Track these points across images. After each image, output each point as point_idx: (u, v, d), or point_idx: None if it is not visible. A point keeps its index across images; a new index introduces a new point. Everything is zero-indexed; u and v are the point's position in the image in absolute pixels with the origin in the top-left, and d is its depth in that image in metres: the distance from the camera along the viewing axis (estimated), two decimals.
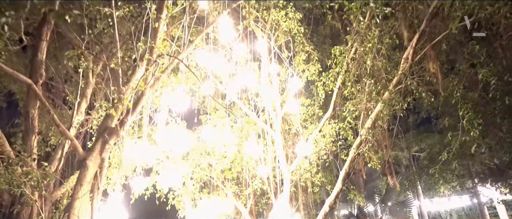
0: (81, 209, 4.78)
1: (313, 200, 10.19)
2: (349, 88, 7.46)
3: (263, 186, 9.05)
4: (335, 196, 8.18)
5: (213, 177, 8.95)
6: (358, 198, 9.90)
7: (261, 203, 10.90)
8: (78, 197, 4.81)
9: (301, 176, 8.53)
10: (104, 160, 5.22)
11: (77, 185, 4.89)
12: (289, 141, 9.94)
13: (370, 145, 7.39)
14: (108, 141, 5.26)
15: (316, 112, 9.57)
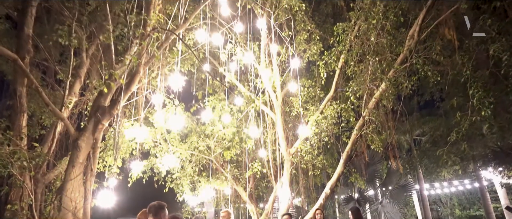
0: (74, 191, 4.60)
1: (314, 183, 10.06)
2: (352, 68, 7.18)
3: (263, 169, 8.87)
4: (336, 178, 8.03)
5: (212, 160, 8.77)
6: (359, 182, 9.76)
7: (261, 186, 10.78)
8: (70, 178, 4.62)
9: (302, 158, 8.34)
10: (97, 141, 5.01)
11: (69, 166, 4.70)
12: (289, 123, 9.73)
13: (373, 125, 7.17)
14: (101, 121, 5.04)
15: (317, 93, 9.32)
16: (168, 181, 8.72)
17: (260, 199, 11.00)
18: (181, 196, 8.79)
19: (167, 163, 8.14)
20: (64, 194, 4.49)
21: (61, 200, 4.48)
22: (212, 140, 8.81)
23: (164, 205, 4.18)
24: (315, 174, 8.97)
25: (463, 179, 23.18)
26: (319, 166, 8.48)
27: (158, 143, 8.40)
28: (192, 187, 8.92)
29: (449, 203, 28.34)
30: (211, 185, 8.82)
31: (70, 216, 4.45)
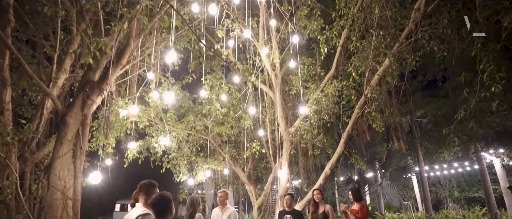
0: (62, 169, 4.38)
1: (314, 164, 9.91)
2: (354, 43, 6.86)
3: (261, 149, 8.69)
4: (336, 159, 7.84)
5: (210, 140, 8.57)
6: (359, 162, 9.60)
7: (260, 167, 10.62)
8: (58, 156, 4.40)
9: (302, 138, 8.14)
10: (86, 117, 4.76)
11: (57, 143, 4.47)
12: (289, 102, 9.47)
13: (376, 103, 6.91)
14: (90, 96, 4.77)
15: (318, 71, 9.02)
16: (165, 162, 8.54)
17: (259, 180, 10.88)
18: (179, 177, 8.64)
19: (163, 143, 7.94)
20: (52, 173, 4.28)
21: (49, 178, 4.27)
22: (209, 120, 8.59)
23: (155, 184, 3.95)
24: (314, 154, 8.78)
25: (463, 161, 23.15)
26: (319, 146, 8.28)
27: (153, 123, 8.18)
28: (189, 167, 8.75)
29: (448, 185, 28.50)
30: (209, 166, 8.65)
31: (59, 195, 4.26)
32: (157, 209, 3.02)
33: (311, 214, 6.61)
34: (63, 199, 4.32)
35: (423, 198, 21.43)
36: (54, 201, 4.24)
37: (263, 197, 8.90)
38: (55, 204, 4.24)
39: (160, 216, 3.00)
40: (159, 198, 3.04)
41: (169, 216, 3.05)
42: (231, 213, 5.87)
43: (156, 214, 3.02)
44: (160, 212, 3.01)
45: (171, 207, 3.07)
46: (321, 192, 6.59)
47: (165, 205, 3.02)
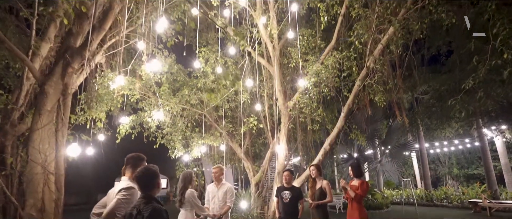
0: (42, 142, 4.09)
1: (313, 140, 9.65)
2: (357, 10, 6.40)
3: (259, 124, 8.39)
4: (336, 134, 7.56)
5: (205, 115, 8.26)
6: (359, 138, 9.33)
7: (258, 143, 10.37)
8: (37, 128, 4.09)
9: (301, 111, 7.82)
10: (67, 86, 4.42)
11: (35, 114, 4.15)
12: (287, 75, 9.09)
13: (379, 74, 6.54)
14: (70, 64, 4.41)
15: (318, 43, 8.59)
16: (158, 137, 8.28)
17: (257, 157, 10.65)
18: (174, 153, 8.39)
19: (156, 118, 7.65)
20: (31, 145, 3.99)
21: (28, 152, 3.99)
22: (204, 94, 8.26)
23: (144, 157, 3.67)
24: (313, 129, 8.49)
25: (464, 138, 23.02)
26: (318, 121, 7.98)
27: (146, 97, 7.84)
28: (185, 143, 8.50)
29: (448, 162, 28.55)
30: (205, 142, 8.39)
31: (40, 169, 3.99)
32: (142, 183, 2.73)
33: (309, 190, 6.41)
34: (44, 174, 4.05)
35: (423, 175, 21.48)
36: (34, 175, 3.97)
37: (261, 173, 8.70)
38: (36, 179, 3.97)
39: (145, 190, 2.71)
40: (144, 172, 2.75)
41: (155, 191, 2.77)
42: (227, 189, 5.64)
43: (141, 188, 2.73)
44: (145, 186, 2.72)
45: (157, 182, 2.78)
46: (318, 168, 6.34)
47: (150, 179, 2.73)
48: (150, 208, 2.54)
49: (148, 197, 2.66)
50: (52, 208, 4.01)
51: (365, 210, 5.67)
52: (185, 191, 5.02)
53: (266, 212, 8.40)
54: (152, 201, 2.64)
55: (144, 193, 2.70)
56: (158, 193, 2.83)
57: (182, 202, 4.98)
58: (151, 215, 2.50)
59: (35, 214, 3.88)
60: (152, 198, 2.67)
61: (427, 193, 18.91)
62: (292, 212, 6.24)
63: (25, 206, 3.87)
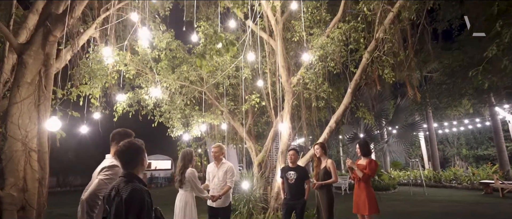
0: (22, 117, 3.76)
1: (318, 119, 9.24)
2: None
3: (261, 102, 8.01)
4: (343, 110, 7.17)
5: (205, 92, 7.89)
6: (367, 116, 8.89)
7: (260, 122, 10.01)
8: (16, 101, 3.76)
9: (305, 87, 7.40)
10: (49, 57, 4.05)
11: (14, 86, 3.81)
12: (291, 51, 8.62)
13: (389, 45, 6.06)
14: (51, 32, 4.03)
15: (323, 16, 8.05)
16: (157, 115, 7.96)
17: (260, 136, 10.31)
18: (173, 132, 8.09)
19: (154, 95, 7.31)
20: (9, 121, 3.67)
21: (7, 127, 3.67)
22: (204, 70, 7.85)
23: (131, 133, 3.34)
24: (318, 106, 8.07)
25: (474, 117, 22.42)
26: (324, 97, 7.55)
27: (143, 73, 7.48)
28: (184, 122, 8.17)
29: (456, 143, 28.04)
30: (205, 120, 8.05)
31: (20, 146, 3.68)
32: (123, 159, 2.37)
33: (314, 169, 6.10)
34: (25, 151, 3.75)
35: (431, 156, 21.09)
36: (14, 153, 3.67)
37: (264, 153, 8.38)
38: (16, 157, 3.67)
39: (126, 168, 2.36)
40: (127, 146, 2.38)
41: (140, 169, 2.41)
42: (227, 168, 5.36)
43: (123, 165, 2.37)
44: (126, 163, 2.36)
45: (141, 158, 2.41)
46: (323, 146, 5.99)
47: (133, 155, 2.37)
48: (129, 188, 2.19)
49: (129, 176, 2.31)
50: (35, 188, 3.73)
51: (373, 190, 5.34)
52: (185, 171, 4.74)
53: (269, 192, 8.15)
54: (134, 180, 2.29)
55: (126, 170, 2.36)
56: (142, 171, 2.49)
57: (182, 182, 4.70)
58: (130, 196, 2.16)
59: (16, 194, 3.61)
60: (134, 177, 2.33)
61: (435, 174, 18.58)
62: (298, 193, 5.95)
63: (5, 186, 3.59)
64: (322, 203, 5.67)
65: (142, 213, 2.18)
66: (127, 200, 2.16)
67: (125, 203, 2.16)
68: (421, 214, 9.14)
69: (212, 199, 5.09)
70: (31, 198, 3.70)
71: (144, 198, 2.21)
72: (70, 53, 5.50)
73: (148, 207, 2.22)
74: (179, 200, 4.72)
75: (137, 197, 2.19)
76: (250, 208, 7.51)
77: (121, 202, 2.17)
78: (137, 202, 2.17)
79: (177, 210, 4.67)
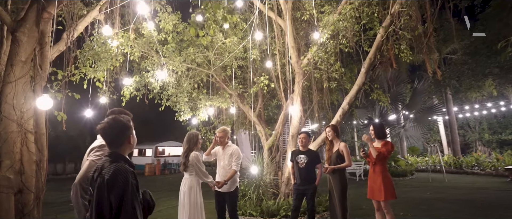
0: (16, 97, 3.63)
1: (330, 101, 8.88)
2: None
3: (270, 84, 7.71)
4: (356, 91, 6.80)
5: (212, 75, 7.65)
6: (382, 98, 8.46)
7: (271, 106, 9.73)
8: (10, 80, 3.62)
9: (315, 67, 7.04)
10: (44, 35, 3.90)
11: (7, 65, 3.67)
12: (301, 31, 8.23)
13: (406, 18, 5.62)
14: (45, 8, 3.85)
15: None
16: (164, 99, 7.80)
17: (271, 120, 10.05)
18: (181, 116, 7.93)
19: (160, 78, 7.13)
20: (3, 100, 3.55)
21: (1, 107, 3.55)
22: (211, 52, 7.62)
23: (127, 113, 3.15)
24: (330, 87, 7.70)
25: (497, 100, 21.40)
26: (336, 77, 7.18)
27: (148, 56, 7.29)
28: (192, 106, 7.99)
29: (478, 128, 26.98)
30: (213, 103, 7.84)
31: (15, 127, 3.57)
32: (107, 137, 2.14)
33: (326, 153, 5.81)
34: (20, 132, 3.62)
35: (451, 141, 20.35)
36: (9, 134, 3.55)
37: (274, 137, 8.14)
38: (11, 138, 3.55)
39: (112, 147, 2.14)
40: (110, 123, 2.15)
41: (126, 148, 2.18)
42: (233, 151, 5.16)
43: (108, 144, 2.15)
44: (112, 142, 2.13)
45: (128, 137, 2.18)
46: (335, 129, 5.68)
47: (118, 133, 2.14)
48: (112, 168, 1.97)
49: (114, 156, 2.09)
50: (32, 171, 3.62)
51: (389, 175, 4.99)
52: (190, 154, 4.56)
53: (280, 177, 7.93)
54: (119, 160, 2.08)
55: (111, 149, 2.15)
56: (130, 150, 2.26)
57: (186, 165, 4.53)
58: (113, 177, 1.93)
59: (12, 177, 3.50)
60: (120, 156, 2.10)
61: (455, 160, 17.91)
62: (308, 178, 5.70)
63: (1, 168, 3.48)
64: (335, 188, 5.39)
65: (125, 194, 1.96)
66: (109, 181, 1.94)
67: (107, 184, 1.95)
68: (440, 201, 8.76)
69: (218, 185, 4.93)
70: (28, 181, 3.60)
71: (128, 179, 1.99)
72: (72, 35, 5.34)
73: (132, 189, 2.00)
74: (184, 184, 4.57)
75: (120, 178, 1.97)
76: (260, 193, 7.32)
77: (103, 183, 1.96)
78: (120, 183, 1.95)
79: (182, 194, 4.51)
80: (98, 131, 2.20)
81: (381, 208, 4.95)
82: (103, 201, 1.93)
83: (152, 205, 2.41)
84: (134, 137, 2.30)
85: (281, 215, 6.63)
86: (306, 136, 5.85)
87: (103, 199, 1.93)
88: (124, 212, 1.92)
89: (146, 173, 19.86)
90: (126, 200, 1.94)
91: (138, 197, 2.06)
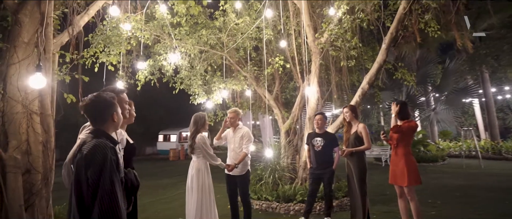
0: (21, 78, 3.65)
1: (351, 82, 8.45)
2: None
3: (286, 64, 7.41)
4: (377, 69, 6.36)
5: (226, 56, 7.48)
6: (407, 78, 7.88)
7: (288, 88, 9.45)
8: (13, 62, 3.65)
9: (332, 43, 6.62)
10: (46, 16, 3.86)
11: (11, 47, 3.71)
12: (317, 8, 7.81)
13: None
14: None
15: None
16: (177, 82, 7.76)
17: (289, 104, 9.77)
18: (195, 99, 7.88)
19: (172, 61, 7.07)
20: (8, 82, 3.59)
21: (6, 89, 3.60)
22: (224, 34, 7.43)
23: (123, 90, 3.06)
24: (348, 66, 7.28)
25: None
26: (354, 55, 6.75)
27: (161, 39, 7.23)
28: (207, 89, 7.90)
29: None
30: (227, 86, 7.70)
31: (20, 108, 3.61)
32: (90, 114, 2.05)
33: (344, 135, 5.50)
34: (26, 113, 3.66)
35: (488, 124, 19.02)
36: (14, 115, 3.60)
37: (291, 120, 7.90)
38: (17, 119, 3.61)
39: (94, 123, 2.06)
40: (93, 100, 2.06)
41: (110, 125, 2.09)
42: (243, 133, 5.01)
43: (91, 121, 2.08)
44: (95, 119, 2.05)
45: (111, 113, 2.07)
46: (353, 109, 5.34)
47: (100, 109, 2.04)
48: (92, 144, 1.89)
49: (96, 132, 2.00)
50: (39, 151, 3.67)
51: (413, 158, 4.54)
52: (196, 135, 4.44)
53: (297, 161, 7.72)
54: (101, 136, 1.99)
55: (94, 127, 2.06)
56: (115, 128, 2.16)
57: (193, 147, 4.42)
58: (91, 152, 1.85)
59: (19, 157, 3.56)
60: (102, 133, 2.01)
61: (494, 145, 16.72)
62: (325, 161, 5.45)
63: (8, 148, 3.55)
64: (354, 172, 5.09)
65: (103, 170, 1.86)
66: (87, 156, 1.86)
67: (85, 159, 1.87)
68: (474, 188, 8.16)
69: (228, 168, 4.81)
70: (35, 161, 3.65)
71: (106, 154, 1.89)
72: (83, 19, 5.35)
73: (111, 164, 1.89)
74: (191, 167, 4.46)
75: (99, 153, 1.88)
76: (276, 177, 7.17)
77: (82, 158, 1.88)
78: (98, 159, 1.86)
79: (190, 178, 4.39)
80: (81, 108, 2.12)
81: (404, 194, 4.56)
82: (81, 177, 1.85)
83: (136, 185, 2.31)
84: (119, 115, 2.19)
85: (297, 200, 6.46)
86: (322, 117, 5.58)
87: (81, 175, 1.85)
88: (102, 188, 1.82)
89: (170, 158, 20.36)
90: (104, 175, 1.84)
91: (117, 174, 1.95)
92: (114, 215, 1.80)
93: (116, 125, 2.16)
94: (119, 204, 1.86)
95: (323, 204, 5.82)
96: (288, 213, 6.31)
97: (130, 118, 3.14)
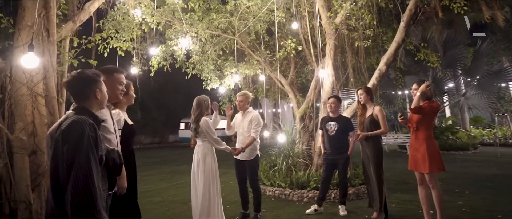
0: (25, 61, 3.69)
1: (369, 65, 8.05)
2: None
3: (298, 47, 7.15)
4: (395, 49, 5.99)
5: (237, 40, 7.32)
6: (431, 58, 7.35)
7: (304, 72, 9.18)
8: (18, 45, 3.71)
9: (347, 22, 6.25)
10: None
11: (15, 30, 3.76)
12: None
13: None
14: None
15: None
16: (190, 67, 7.72)
17: (305, 88, 9.50)
18: (208, 84, 7.82)
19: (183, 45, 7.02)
20: (13, 64, 3.66)
21: (11, 71, 3.66)
22: (236, 18, 7.26)
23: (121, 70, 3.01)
24: (365, 46, 6.91)
25: None
26: (370, 34, 6.37)
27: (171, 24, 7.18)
28: (219, 74, 7.81)
29: None
30: (240, 71, 7.57)
31: (25, 90, 3.67)
32: (72, 91, 2.03)
33: (359, 119, 5.23)
34: (31, 95, 3.73)
35: None
36: (20, 97, 3.67)
37: (306, 104, 7.68)
38: (22, 101, 3.68)
39: (77, 101, 2.02)
40: (75, 76, 2.02)
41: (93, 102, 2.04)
42: (252, 117, 4.89)
43: (74, 98, 2.05)
44: (76, 95, 2.01)
45: (94, 90, 2.03)
46: (368, 91, 5.04)
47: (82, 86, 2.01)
48: (71, 119, 1.85)
49: (78, 109, 1.97)
50: (44, 133, 3.73)
51: (435, 143, 4.09)
52: (200, 118, 4.35)
53: (313, 147, 7.52)
54: (84, 113, 1.94)
55: (77, 104, 2.02)
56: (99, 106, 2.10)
57: (197, 131, 4.33)
58: (68, 127, 1.81)
59: (25, 138, 3.64)
60: (85, 110, 1.97)
61: None
62: (339, 146, 5.24)
63: (15, 130, 3.63)
64: (370, 158, 4.83)
65: (79, 146, 1.80)
66: (64, 131, 1.82)
67: (62, 134, 1.83)
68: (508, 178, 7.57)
69: (234, 153, 4.70)
70: (41, 142, 3.72)
71: (84, 129, 1.83)
72: (93, 6, 5.37)
73: (88, 141, 1.83)
74: (197, 152, 4.32)
75: (76, 129, 1.83)
76: (290, 164, 7.01)
77: (60, 134, 1.83)
78: (75, 134, 1.81)
79: (195, 163, 4.27)
80: (64, 85, 2.07)
81: (425, 181, 4.15)
82: (57, 152, 1.80)
83: (119, 164, 2.25)
84: (103, 92, 2.12)
85: (311, 187, 6.29)
86: (335, 100, 5.34)
87: (57, 151, 1.80)
88: (77, 164, 1.76)
89: (191, 145, 20.75)
90: (80, 151, 1.78)
91: (95, 151, 1.88)
92: (88, 194, 1.74)
93: (100, 102, 2.10)
94: (95, 182, 1.79)
95: (338, 192, 5.62)
96: (301, 200, 6.17)
97: (130, 99, 3.09)
